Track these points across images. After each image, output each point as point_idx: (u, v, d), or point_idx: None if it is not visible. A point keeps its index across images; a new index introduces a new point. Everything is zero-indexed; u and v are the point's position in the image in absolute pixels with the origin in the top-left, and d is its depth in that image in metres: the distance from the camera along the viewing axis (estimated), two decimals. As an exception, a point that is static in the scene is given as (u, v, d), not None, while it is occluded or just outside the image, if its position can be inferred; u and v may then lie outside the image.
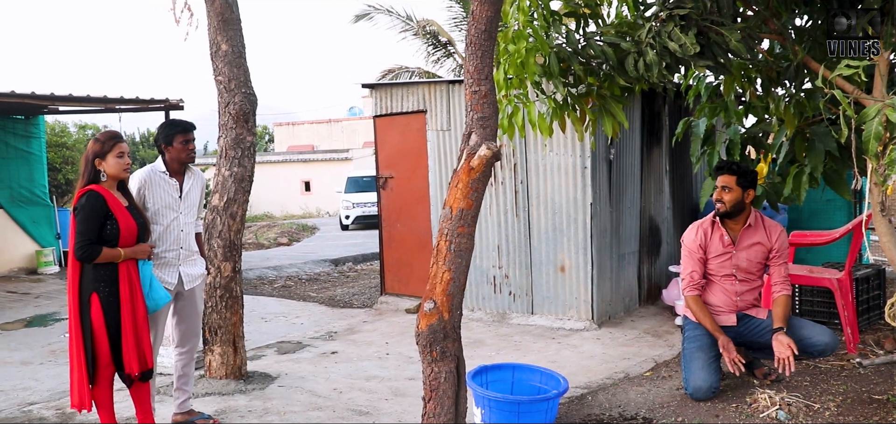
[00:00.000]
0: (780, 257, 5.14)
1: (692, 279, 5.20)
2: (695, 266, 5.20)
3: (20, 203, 13.45)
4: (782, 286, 5.08)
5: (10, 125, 13.34)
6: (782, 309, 4.98)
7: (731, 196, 5.04)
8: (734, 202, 5.05)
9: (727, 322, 5.19)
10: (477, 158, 3.69)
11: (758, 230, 5.15)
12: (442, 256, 3.72)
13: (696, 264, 5.20)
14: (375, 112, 9.22)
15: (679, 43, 4.44)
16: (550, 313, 7.75)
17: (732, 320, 5.20)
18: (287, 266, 13.76)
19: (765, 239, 5.14)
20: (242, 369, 5.92)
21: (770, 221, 5.22)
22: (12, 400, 5.80)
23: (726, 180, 5.04)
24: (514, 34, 4.59)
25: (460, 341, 3.83)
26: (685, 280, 5.23)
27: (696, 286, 5.20)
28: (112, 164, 4.18)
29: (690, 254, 5.23)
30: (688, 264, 5.24)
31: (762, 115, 5.65)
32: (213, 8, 5.79)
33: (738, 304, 5.20)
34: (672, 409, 4.80)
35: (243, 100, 5.79)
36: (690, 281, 5.20)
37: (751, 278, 5.19)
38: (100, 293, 4.08)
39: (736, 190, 5.02)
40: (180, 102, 12.18)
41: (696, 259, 5.20)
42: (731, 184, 5.03)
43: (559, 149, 7.53)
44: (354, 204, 23.26)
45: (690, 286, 5.20)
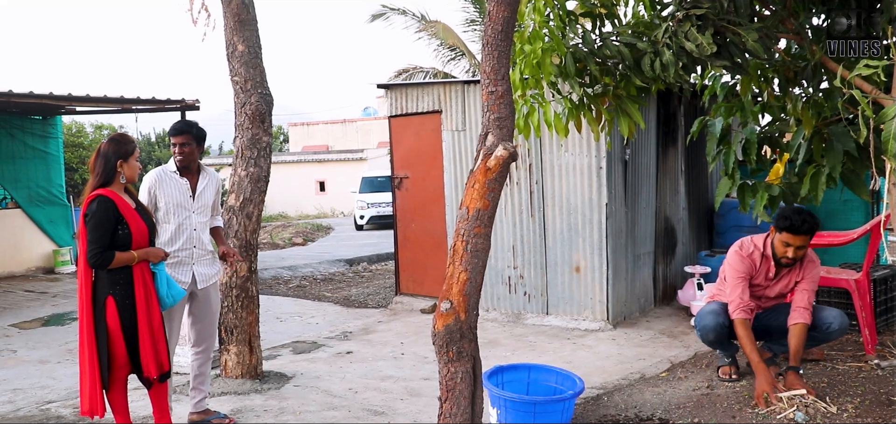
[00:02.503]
0: (806, 283, 5.10)
1: (742, 301, 5.06)
2: (744, 290, 5.10)
3: (38, 203, 13.56)
4: (801, 313, 5.00)
5: (28, 125, 13.45)
6: (795, 342, 4.94)
7: (800, 253, 5.01)
8: (801, 256, 5.04)
9: None
10: (494, 158, 3.69)
11: (797, 267, 5.16)
12: (458, 256, 3.72)
13: (745, 288, 5.11)
14: (390, 112, 9.23)
15: (696, 43, 4.42)
16: (565, 313, 7.74)
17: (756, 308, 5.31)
18: (302, 266, 13.81)
19: (801, 274, 5.15)
20: (258, 368, 5.95)
21: (811, 255, 5.17)
22: (31, 399, 5.85)
23: (801, 240, 4.97)
24: (531, 34, 4.59)
25: (476, 341, 3.83)
26: (735, 302, 5.08)
27: (746, 309, 5.05)
28: (133, 166, 4.20)
29: (740, 279, 5.13)
30: (737, 286, 5.12)
31: (779, 114, 5.62)
32: (230, 9, 5.82)
33: (760, 308, 5.31)
34: (688, 410, 4.79)
35: (259, 100, 5.81)
36: (740, 304, 5.06)
37: (779, 297, 5.31)
38: (115, 296, 4.07)
39: (805, 245, 5.00)
40: (196, 103, 12.23)
41: (745, 285, 5.12)
42: (804, 244, 4.98)
43: (574, 149, 7.51)
44: (369, 204, 23.30)
45: (740, 310, 5.04)
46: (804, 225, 4.94)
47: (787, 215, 4.99)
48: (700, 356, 6.16)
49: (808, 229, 4.95)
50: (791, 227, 4.96)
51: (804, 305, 5.02)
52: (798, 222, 4.94)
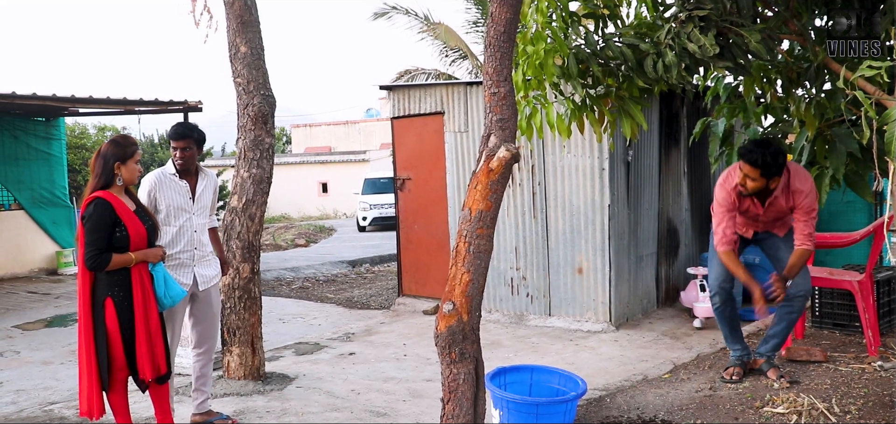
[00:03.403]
0: (802, 212, 5.00)
1: (725, 235, 5.10)
2: (727, 223, 5.11)
3: (41, 204, 13.58)
4: (803, 240, 5.00)
5: (31, 127, 13.47)
6: (795, 260, 5.01)
7: (754, 185, 4.93)
8: (757, 190, 4.96)
9: (743, 234, 5.33)
10: (496, 159, 3.69)
11: (784, 195, 5.03)
12: (461, 257, 3.72)
13: (729, 221, 5.11)
14: (393, 114, 9.23)
15: (698, 44, 4.42)
16: (568, 314, 7.74)
17: (749, 233, 5.36)
18: (304, 268, 13.81)
19: (791, 202, 5.04)
20: (261, 370, 5.95)
21: (799, 183, 4.98)
22: (34, 400, 5.86)
23: (750, 171, 4.89)
24: (533, 35, 4.59)
25: (479, 342, 3.83)
26: (718, 235, 5.13)
27: (729, 242, 5.11)
28: (131, 169, 4.18)
29: (725, 212, 5.12)
30: (721, 220, 5.12)
31: (781, 116, 5.62)
32: (233, 10, 5.82)
33: (760, 228, 5.33)
34: (691, 411, 4.78)
35: (262, 102, 5.81)
36: (724, 238, 5.10)
37: (778, 219, 5.24)
38: (114, 297, 4.07)
39: (760, 180, 4.90)
40: (199, 105, 12.24)
41: (730, 216, 5.11)
42: (755, 176, 4.89)
43: (577, 150, 7.51)
44: (371, 205, 23.31)
45: (724, 243, 5.11)
46: (750, 156, 4.83)
47: (749, 147, 4.91)
48: (703, 357, 6.16)
49: (753, 161, 4.82)
50: (748, 159, 4.86)
51: (806, 234, 5.00)
52: (756, 157, 4.82)
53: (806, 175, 5.01)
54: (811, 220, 5.01)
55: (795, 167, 5.03)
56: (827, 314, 6.58)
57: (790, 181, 4.97)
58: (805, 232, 5.00)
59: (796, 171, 5.00)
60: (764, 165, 4.81)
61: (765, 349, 5.36)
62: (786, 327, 5.29)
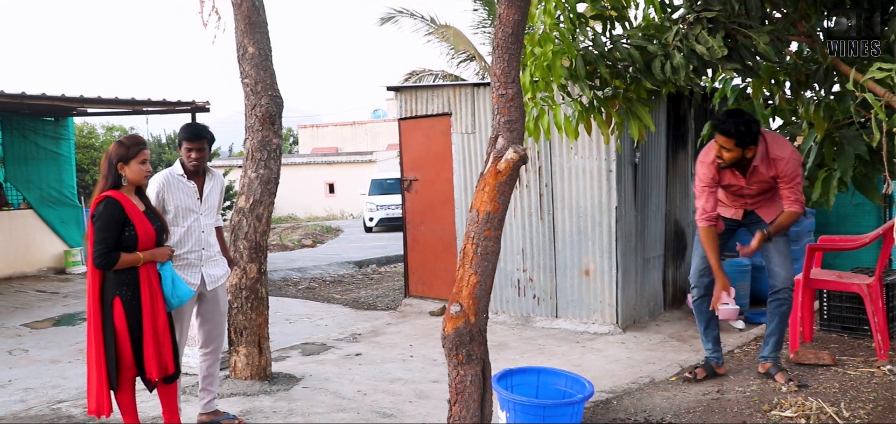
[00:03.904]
0: (786, 180, 4.96)
1: (704, 212, 5.11)
2: (708, 199, 5.10)
3: (49, 204, 13.63)
4: (791, 204, 5.00)
5: (40, 127, 13.52)
6: (782, 219, 5.03)
7: (730, 156, 4.90)
8: (733, 160, 4.93)
9: (733, 216, 5.31)
10: (504, 161, 3.69)
11: (764, 164, 4.99)
12: (468, 259, 3.72)
13: (709, 196, 5.10)
14: (400, 115, 9.24)
15: (707, 46, 4.41)
16: (575, 316, 7.72)
17: (739, 214, 5.32)
18: (311, 268, 13.83)
19: (772, 171, 5.00)
20: (267, 370, 5.96)
21: (778, 150, 4.95)
22: (42, 398, 5.88)
23: (724, 142, 4.87)
24: (541, 37, 4.58)
25: (486, 344, 3.82)
26: (698, 211, 5.15)
27: (710, 219, 5.10)
28: (134, 170, 4.18)
29: (705, 187, 5.11)
30: (701, 195, 5.13)
31: (790, 118, 5.60)
32: (241, 11, 5.83)
33: (752, 206, 5.29)
34: (698, 414, 4.77)
35: (270, 102, 5.82)
36: (703, 214, 5.11)
37: (764, 192, 5.19)
38: (122, 296, 4.09)
39: (735, 151, 4.87)
40: (206, 105, 12.26)
41: (710, 191, 5.10)
42: (730, 146, 4.86)
43: (584, 152, 7.50)
44: (378, 206, 23.33)
45: (703, 218, 5.12)
46: (723, 127, 4.82)
47: (722, 117, 4.89)
48: (710, 360, 6.14)
49: (727, 131, 4.81)
50: (722, 130, 4.86)
51: (793, 199, 4.98)
52: (729, 127, 4.81)
53: (784, 142, 5.01)
54: (796, 186, 4.98)
55: (772, 135, 5.03)
56: (836, 317, 6.55)
57: (769, 150, 4.95)
58: (792, 197, 4.99)
59: (773, 138, 5.00)
60: (737, 134, 4.80)
61: (767, 351, 5.35)
62: (779, 323, 5.26)
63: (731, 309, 7.46)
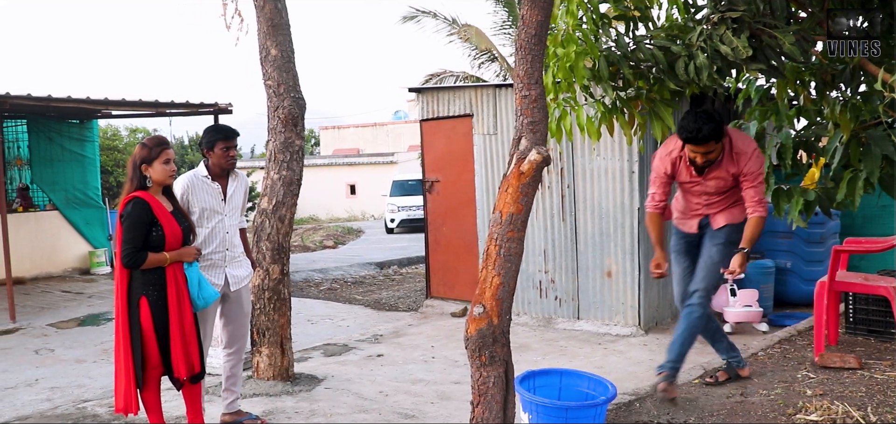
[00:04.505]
0: (750, 179, 4.82)
1: (653, 199, 5.10)
2: (658, 188, 5.07)
3: (74, 205, 13.76)
4: (755, 208, 4.82)
5: (65, 129, 13.66)
6: (750, 230, 4.81)
7: (712, 157, 4.78)
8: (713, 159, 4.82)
9: (689, 230, 5.19)
10: (527, 162, 3.68)
11: (726, 160, 4.86)
12: (491, 260, 3.71)
13: (660, 186, 5.07)
14: (422, 116, 9.25)
15: (731, 46, 4.37)
16: (597, 318, 7.69)
17: (693, 227, 5.18)
18: (333, 269, 13.87)
19: (734, 167, 4.86)
20: (290, 370, 5.98)
21: (741, 146, 4.83)
22: (68, 397, 5.95)
23: (706, 147, 4.71)
24: (564, 38, 4.57)
25: (509, 345, 3.82)
26: (648, 198, 5.14)
27: (656, 207, 5.10)
28: (158, 170, 4.22)
29: (657, 177, 5.08)
30: (653, 184, 5.12)
31: (815, 118, 5.54)
32: (263, 13, 5.86)
33: (705, 212, 5.12)
34: (722, 417, 4.73)
35: (292, 104, 5.84)
36: (652, 201, 5.11)
37: (722, 191, 5.01)
38: (149, 296, 4.13)
39: (717, 147, 4.75)
40: (229, 106, 12.34)
41: (662, 183, 5.06)
42: (712, 148, 4.73)
43: (606, 153, 7.47)
44: (399, 207, 23.36)
45: (650, 205, 5.12)
46: (700, 134, 4.62)
47: (684, 125, 4.71)
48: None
49: (706, 136, 4.64)
50: (689, 139, 4.70)
51: (756, 200, 4.81)
52: (694, 133, 4.64)
53: (747, 138, 4.92)
54: (760, 185, 4.84)
55: (736, 132, 4.92)
56: (862, 320, 6.48)
57: (732, 144, 4.83)
58: (756, 198, 4.83)
59: (737, 134, 4.90)
60: (710, 135, 4.64)
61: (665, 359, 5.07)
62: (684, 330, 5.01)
63: (755, 312, 7.39)
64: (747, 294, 7.41)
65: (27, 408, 5.71)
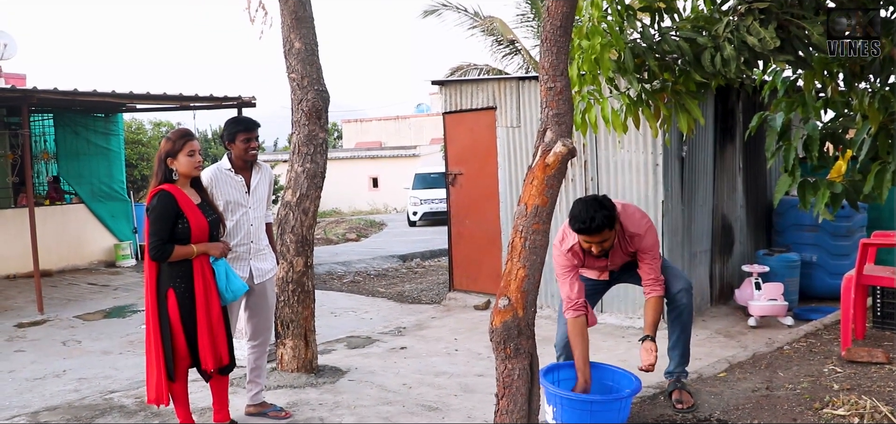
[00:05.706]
0: (648, 255, 4.67)
1: (569, 301, 4.58)
2: (571, 284, 4.62)
3: (100, 198, 13.91)
4: (652, 288, 4.67)
5: (91, 123, 13.81)
6: (651, 314, 4.64)
7: (607, 245, 4.55)
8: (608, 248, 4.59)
9: (599, 278, 5.01)
10: (552, 154, 3.67)
11: (622, 242, 4.69)
12: (517, 252, 3.71)
13: (571, 281, 4.63)
14: (444, 109, 9.24)
15: (758, 37, 4.33)
16: (620, 311, 7.66)
17: (604, 275, 5.02)
18: (356, 262, 13.92)
19: (632, 247, 4.70)
20: (313, 362, 6.01)
21: (633, 229, 4.64)
22: (95, 388, 6.02)
23: (600, 237, 4.44)
24: (589, 30, 4.54)
25: (534, 338, 3.81)
26: (564, 302, 4.64)
27: (578, 308, 4.56)
28: (183, 162, 4.25)
29: (565, 272, 4.66)
30: (564, 282, 4.66)
31: (842, 110, 5.48)
32: (287, 6, 5.88)
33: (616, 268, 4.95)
34: (747, 411, 4.70)
35: (316, 97, 5.86)
36: (569, 302, 4.58)
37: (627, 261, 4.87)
38: (176, 288, 4.17)
39: (611, 235, 4.52)
40: (253, 100, 12.39)
41: (572, 277, 4.65)
42: (610, 237, 4.51)
43: (630, 146, 7.43)
44: (422, 200, 23.39)
45: (570, 308, 4.57)
46: (593, 224, 4.33)
47: (577, 215, 4.41)
48: (759, 356, 6.04)
49: (599, 226, 4.34)
50: (582, 230, 4.42)
51: (653, 278, 4.66)
52: (588, 223, 4.34)
53: (636, 215, 4.72)
54: (654, 259, 4.69)
55: (623, 210, 4.69)
56: (890, 314, 6.40)
57: (624, 228, 4.65)
58: (653, 276, 4.67)
59: (625, 214, 4.67)
60: (603, 223, 4.38)
61: (672, 366, 5.04)
62: (681, 332, 4.94)
63: (780, 305, 7.33)
64: (772, 288, 7.36)
65: (56, 399, 5.78)
